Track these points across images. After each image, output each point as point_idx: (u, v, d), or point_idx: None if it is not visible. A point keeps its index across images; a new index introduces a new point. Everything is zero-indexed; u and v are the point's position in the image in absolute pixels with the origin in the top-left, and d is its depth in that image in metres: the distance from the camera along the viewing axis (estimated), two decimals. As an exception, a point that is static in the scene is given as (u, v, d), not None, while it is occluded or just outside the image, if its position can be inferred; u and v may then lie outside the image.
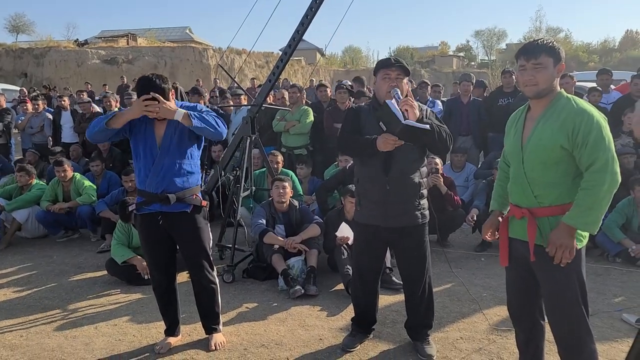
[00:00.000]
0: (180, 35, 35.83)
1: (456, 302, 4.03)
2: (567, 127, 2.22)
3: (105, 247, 5.46)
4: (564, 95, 2.32)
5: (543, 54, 2.26)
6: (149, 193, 3.10)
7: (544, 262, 2.31)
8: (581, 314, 2.30)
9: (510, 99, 7.01)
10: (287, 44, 4.79)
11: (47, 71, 22.93)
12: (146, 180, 3.09)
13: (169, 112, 2.92)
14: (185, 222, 3.16)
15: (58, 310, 4.01)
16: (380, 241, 3.20)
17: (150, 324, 3.70)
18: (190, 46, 25.78)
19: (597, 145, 2.17)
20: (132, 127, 3.08)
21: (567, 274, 2.29)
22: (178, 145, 3.08)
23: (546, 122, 2.29)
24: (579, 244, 2.29)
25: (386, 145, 2.86)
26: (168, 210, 3.10)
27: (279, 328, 3.64)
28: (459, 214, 5.42)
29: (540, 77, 2.28)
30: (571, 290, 2.29)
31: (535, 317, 2.55)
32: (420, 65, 36.81)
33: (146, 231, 3.21)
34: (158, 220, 3.13)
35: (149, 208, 3.13)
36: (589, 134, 2.18)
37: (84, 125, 8.36)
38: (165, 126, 3.07)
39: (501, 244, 2.54)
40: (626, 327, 3.56)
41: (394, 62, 3.00)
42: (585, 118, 2.20)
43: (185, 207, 3.14)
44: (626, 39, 46.65)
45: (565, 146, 2.23)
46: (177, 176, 3.07)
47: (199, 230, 3.20)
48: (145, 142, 3.07)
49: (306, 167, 6.14)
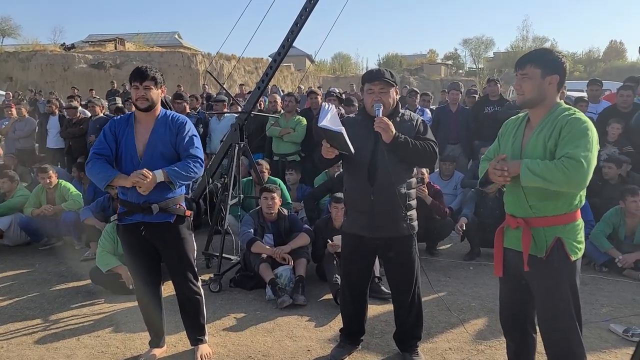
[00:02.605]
0: (169, 40, 35.64)
1: (445, 312, 4.00)
2: (555, 134, 2.23)
3: (89, 255, 5.36)
4: (562, 106, 2.32)
5: (529, 65, 2.29)
6: (130, 203, 3.03)
7: (538, 273, 2.31)
8: (574, 327, 2.29)
9: (497, 107, 7.06)
10: (277, 51, 4.77)
11: (33, 75, 22.66)
12: (128, 190, 3.01)
13: (151, 183, 2.91)
14: (168, 232, 3.09)
15: (39, 321, 3.91)
16: (368, 251, 3.18)
17: (134, 335, 3.63)
18: (179, 51, 25.66)
19: (573, 139, 2.16)
20: (117, 136, 3.03)
21: (560, 286, 2.28)
22: (162, 154, 3.02)
23: (540, 133, 2.29)
24: (573, 255, 2.28)
25: (325, 153, 2.93)
26: (150, 220, 3.03)
27: (266, 339, 3.59)
28: (447, 223, 5.42)
29: (525, 86, 2.31)
30: (564, 302, 2.28)
31: (527, 329, 2.54)
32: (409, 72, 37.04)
33: (129, 242, 3.14)
34: (141, 231, 3.06)
35: (130, 218, 3.06)
36: (569, 132, 2.18)
37: (70, 131, 8.28)
38: (150, 133, 3.02)
39: (496, 254, 2.52)
40: (614, 338, 3.57)
41: (377, 76, 2.99)
42: (571, 120, 2.21)
43: (168, 218, 3.07)
44: (610, 49, 47.44)
45: (554, 152, 2.23)
46: (159, 186, 2.99)
47: (182, 240, 3.13)
48: (126, 150, 3.01)
49: (295, 173, 6.12)
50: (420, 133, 3.04)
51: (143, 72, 2.98)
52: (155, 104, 3.04)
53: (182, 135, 3.05)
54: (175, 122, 3.07)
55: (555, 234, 2.29)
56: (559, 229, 2.29)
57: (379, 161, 2.95)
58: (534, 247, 2.32)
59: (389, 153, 2.90)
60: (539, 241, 2.31)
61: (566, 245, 2.28)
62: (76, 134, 8.20)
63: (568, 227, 2.30)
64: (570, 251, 2.28)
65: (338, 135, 2.80)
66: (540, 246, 2.31)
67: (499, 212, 3.14)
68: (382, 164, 2.94)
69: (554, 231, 2.29)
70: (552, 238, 2.29)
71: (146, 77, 2.96)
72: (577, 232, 2.33)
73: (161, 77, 3.07)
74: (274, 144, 6.76)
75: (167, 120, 3.07)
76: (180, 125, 3.06)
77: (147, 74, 2.97)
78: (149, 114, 3.04)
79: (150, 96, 2.98)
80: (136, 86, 2.97)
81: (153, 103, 3.01)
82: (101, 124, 8.10)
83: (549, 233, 2.29)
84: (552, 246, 2.28)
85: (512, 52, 46.06)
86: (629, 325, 3.64)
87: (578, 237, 2.33)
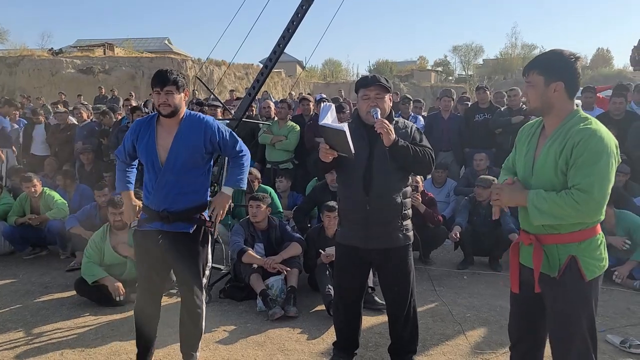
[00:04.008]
0: (158, 45, 35.43)
1: (440, 323, 3.93)
2: (567, 151, 2.08)
3: (75, 265, 5.22)
4: (577, 114, 2.15)
5: (532, 72, 2.18)
6: (151, 210, 2.93)
7: (551, 293, 2.18)
8: (585, 352, 2.16)
9: (487, 114, 7.04)
10: (269, 56, 4.69)
11: (20, 80, 22.36)
12: (150, 196, 2.93)
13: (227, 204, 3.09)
14: (184, 243, 2.96)
15: (22, 334, 3.77)
16: (363, 262, 3.09)
17: (120, 349, 3.51)
18: (169, 57, 25.52)
19: (586, 165, 2.01)
20: (137, 140, 2.96)
21: (574, 309, 2.14)
22: (186, 162, 2.90)
23: (552, 145, 2.15)
24: (589, 275, 2.13)
25: (324, 155, 2.82)
26: (169, 229, 2.92)
27: (257, 353, 3.48)
28: (440, 231, 5.37)
29: (530, 95, 2.21)
30: (576, 327, 2.14)
31: (533, 344, 2.41)
32: (399, 79, 37.11)
33: (144, 250, 3.01)
34: (158, 239, 2.93)
35: (150, 225, 2.95)
36: (582, 154, 2.03)
37: (58, 136, 8.12)
38: (172, 139, 2.89)
39: (511, 269, 2.37)
40: (610, 349, 3.51)
41: (372, 81, 2.92)
42: (585, 137, 2.04)
43: (187, 228, 2.95)
44: (597, 57, 47.95)
45: (565, 172, 2.09)
46: (181, 194, 2.90)
47: (197, 253, 3.00)
48: (148, 156, 2.91)
49: (285, 180, 6.02)
50: (415, 140, 2.97)
51: (164, 77, 2.82)
52: (179, 108, 2.89)
53: (221, 137, 2.98)
54: (202, 123, 2.95)
55: (570, 252, 2.14)
56: (573, 247, 2.13)
57: (375, 170, 2.86)
58: (546, 266, 2.18)
59: (386, 160, 2.82)
60: (552, 259, 2.17)
61: (581, 264, 2.12)
62: (62, 140, 8.04)
63: (584, 245, 2.14)
64: (586, 270, 2.13)
65: (339, 134, 2.68)
66: (553, 265, 2.17)
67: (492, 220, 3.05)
68: (378, 172, 2.86)
69: (568, 249, 2.14)
70: (566, 256, 2.14)
71: (167, 82, 2.81)
72: (595, 248, 2.16)
73: (183, 79, 2.91)
74: (266, 151, 6.67)
75: (192, 124, 2.94)
76: (211, 128, 2.95)
77: (168, 78, 2.82)
78: (173, 118, 2.91)
79: (173, 101, 2.84)
80: (157, 91, 2.83)
81: (176, 108, 2.87)
82: (88, 130, 7.99)
83: (563, 251, 2.15)
84: (566, 265, 2.14)
85: (501, 59, 46.46)
86: (626, 337, 3.59)
87: (597, 254, 2.16)
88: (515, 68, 42.44)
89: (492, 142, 6.91)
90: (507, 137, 6.79)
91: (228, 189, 3.08)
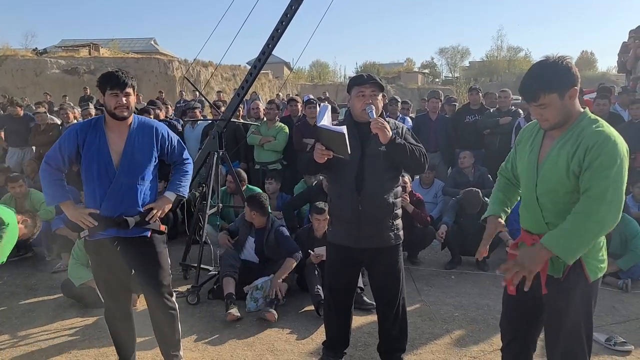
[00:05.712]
0: (144, 46, 35.13)
1: (428, 323, 3.96)
2: (580, 153, 2.04)
3: (61, 266, 5.16)
4: (587, 116, 2.11)
5: (542, 95, 2.05)
6: (104, 217, 2.83)
7: (554, 293, 2.17)
8: (580, 353, 2.17)
9: (477, 116, 7.11)
10: (257, 57, 4.68)
11: (3, 80, 21.99)
12: (102, 203, 2.83)
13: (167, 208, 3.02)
14: (144, 247, 2.92)
15: (7, 337, 3.72)
16: (353, 261, 3.10)
17: (108, 351, 3.47)
18: (155, 57, 25.26)
19: (599, 171, 1.98)
20: (83, 144, 2.82)
21: (573, 308, 2.14)
22: (138, 163, 2.85)
23: (563, 147, 2.10)
24: (592, 276, 2.12)
25: (319, 156, 2.80)
26: (125, 235, 2.85)
27: (246, 353, 3.48)
28: (428, 232, 5.40)
29: (547, 115, 2.09)
30: (574, 326, 2.14)
31: (526, 344, 2.42)
32: (387, 81, 37.30)
33: (99, 258, 2.93)
34: (115, 247, 2.86)
35: (103, 233, 2.85)
36: (597, 158, 1.99)
37: (39, 138, 7.99)
38: (125, 141, 2.83)
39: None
40: (596, 347, 3.52)
41: (368, 79, 2.91)
42: (599, 141, 2.00)
43: (144, 232, 2.91)
44: (582, 59, 48.61)
45: (577, 174, 2.05)
46: (136, 197, 2.84)
47: (158, 255, 2.95)
48: (100, 161, 2.80)
49: (275, 182, 6.01)
50: (407, 141, 2.98)
51: (121, 78, 2.75)
52: (132, 111, 2.88)
53: (170, 143, 2.98)
54: (153, 128, 2.92)
55: None
56: None
57: (367, 169, 2.87)
58: (550, 267, 2.15)
59: (378, 159, 2.83)
60: (557, 261, 2.11)
61: (585, 265, 2.11)
62: (45, 141, 7.90)
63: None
64: (590, 272, 2.11)
65: (338, 136, 2.65)
66: (558, 266, 2.14)
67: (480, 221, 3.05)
68: (370, 172, 2.87)
69: None
70: None
71: (126, 84, 2.76)
72: (598, 250, 2.15)
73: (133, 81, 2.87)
74: (255, 152, 6.67)
75: (143, 127, 2.90)
76: (162, 133, 2.94)
77: (126, 79, 2.76)
78: (124, 122, 2.85)
79: (130, 104, 2.80)
80: (115, 94, 2.75)
81: (131, 111, 2.84)
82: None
83: None
84: (570, 267, 2.11)
85: (487, 62, 46.90)
86: (611, 334, 3.64)
87: (599, 256, 2.16)
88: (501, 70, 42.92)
89: (482, 143, 6.99)
90: (495, 137, 6.88)
91: (170, 194, 3.02)
